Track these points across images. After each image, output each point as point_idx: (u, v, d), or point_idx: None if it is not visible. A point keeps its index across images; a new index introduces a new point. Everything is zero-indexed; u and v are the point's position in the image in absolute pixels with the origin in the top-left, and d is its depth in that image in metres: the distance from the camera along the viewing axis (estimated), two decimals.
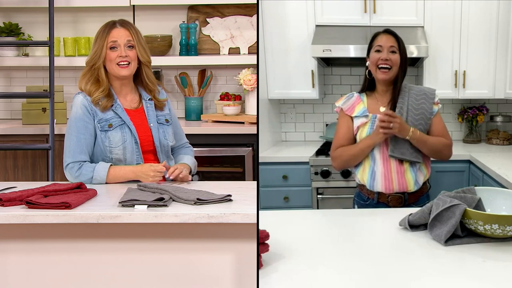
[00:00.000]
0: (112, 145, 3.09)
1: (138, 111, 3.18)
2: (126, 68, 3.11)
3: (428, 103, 3.08)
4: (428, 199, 3.12)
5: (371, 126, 3.04)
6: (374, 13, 4.58)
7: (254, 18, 4.79)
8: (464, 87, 4.71)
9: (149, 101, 3.20)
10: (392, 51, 3.03)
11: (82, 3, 4.64)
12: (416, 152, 3.02)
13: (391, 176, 3.03)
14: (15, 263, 2.65)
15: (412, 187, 3.04)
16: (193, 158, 3.30)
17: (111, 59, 3.10)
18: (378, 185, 3.05)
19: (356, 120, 3.08)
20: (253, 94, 4.57)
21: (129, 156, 3.11)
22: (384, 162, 3.03)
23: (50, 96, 4.30)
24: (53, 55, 4.34)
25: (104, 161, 3.09)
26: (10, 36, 4.66)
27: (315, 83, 4.72)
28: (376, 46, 3.05)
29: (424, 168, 3.08)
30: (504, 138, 4.90)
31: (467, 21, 4.59)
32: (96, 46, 3.12)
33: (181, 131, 3.36)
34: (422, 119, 3.05)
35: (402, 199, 3.04)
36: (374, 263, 2.15)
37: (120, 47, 3.10)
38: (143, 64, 3.16)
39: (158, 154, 3.17)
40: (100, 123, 3.09)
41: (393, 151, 3.01)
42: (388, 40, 3.06)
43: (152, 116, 3.18)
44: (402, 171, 3.03)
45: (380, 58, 3.01)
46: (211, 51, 4.85)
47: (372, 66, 3.06)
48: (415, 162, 3.03)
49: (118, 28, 3.13)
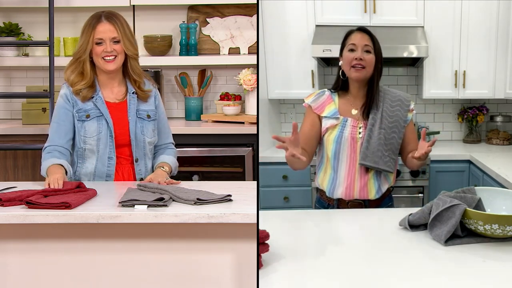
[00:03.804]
0: (86, 135, 3.11)
1: (121, 104, 3.18)
2: (111, 63, 3.11)
3: (403, 110, 2.94)
4: (390, 201, 3.04)
5: (340, 130, 2.90)
6: (374, 13, 4.58)
7: (254, 18, 4.79)
8: (464, 87, 4.71)
9: (133, 94, 3.19)
10: (367, 50, 2.88)
11: (82, 3, 4.64)
12: (390, 161, 2.90)
13: (353, 184, 2.92)
14: (15, 263, 2.65)
15: (373, 195, 2.93)
16: (175, 159, 3.27)
17: (97, 54, 3.11)
18: (338, 193, 2.94)
19: (325, 121, 2.93)
20: (253, 94, 4.57)
21: (102, 148, 3.12)
22: (349, 168, 2.91)
23: (50, 96, 4.30)
24: (53, 55, 4.34)
25: (76, 152, 3.13)
26: (10, 36, 4.66)
27: (315, 83, 4.72)
28: (349, 45, 2.89)
29: (390, 177, 2.97)
30: (504, 138, 4.90)
31: (467, 21, 4.59)
32: (82, 40, 3.13)
33: (167, 130, 3.32)
34: (396, 127, 2.91)
35: (363, 205, 2.94)
36: (374, 263, 2.15)
37: (106, 42, 3.10)
38: (130, 56, 3.16)
39: (133, 149, 3.15)
40: (79, 113, 3.12)
41: (365, 159, 2.87)
42: (363, 39, 2.90)
43: (133, 109, 3.17)
44: (365, 179, 2.91)
45: (354, 57, 2.86)
46: (211, 51, 4.84)
47: (345, 65, 2.91)
48: (385, 171, 2.91)
49: (103, 22, 3.12)
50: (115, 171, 3.15)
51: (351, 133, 2.91)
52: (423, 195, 4.45)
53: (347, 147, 2.91)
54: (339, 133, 2.91)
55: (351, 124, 2.92)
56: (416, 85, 5.11)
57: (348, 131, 2.91)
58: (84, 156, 3.14)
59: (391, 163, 2.91)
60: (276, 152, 4.66)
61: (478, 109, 4.98)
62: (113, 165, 3.14)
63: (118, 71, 3.18)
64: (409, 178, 4.45)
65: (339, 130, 2.91)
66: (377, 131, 2.89)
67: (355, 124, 2.92)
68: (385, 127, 2.89)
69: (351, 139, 2.91)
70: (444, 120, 5.18)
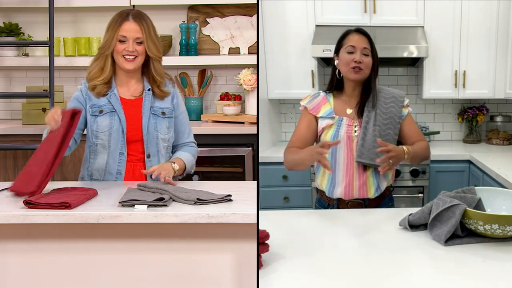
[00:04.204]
0: (99, 130, 3.11)
1: (136, 100, 3.18)
2: (131, 62, 3.11)
3: (397, 106, 2.96)
4: (391, 201, 3.04)
5: (336, 129, 2.92)
6: (374, 13, 4.58)
7: (254, 18, 4.79)
8: (464, 87, 4.71)
9: (148, 91, 3.19)
10: (365, 53, 2.89)
11: (82, 3, 4.64)
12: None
13: (352, 183, 2.93)
14: (15, 263, 2.64)
15: (372, 194, 2.94)
16: (192, 156, 3.24)
17: (118, 51, 3.11)
18: (337, 192, 2.95)
19: (321, 121, 2.96)
20: (253, 94, 4.57)
21: (113, 143, 3.12)
22: (347, 167, 2.93)
23: (50, 96, 4.30)
24: (53, 55, 4.34)
25: (89, 148, 3.16)
26: (10, 36, 4.66)
27: (315, 83, 4.72)
28: (348, 47, 2.90)
29: (389, 174, 2.98)
30: (504, 138, 4.90)
31: (467, 21, 4.59)
32: (107, 36, 3.13)
33: (188, 129, 3.29)
34: (391, 123, 2.92)
35: (363, 205, 2.95)
36: (374, 263, 2.15)
37: (129, 41, 3.10)
38: (153, 58, 3.16)
39: (145, 144, 3.15)
40: (92, 108, 3.13)
41: (361, 156, 2.88)
42: (361, 41, 2.91)
43: (147, 105, 3.17)
44: (364, 177, 2.92)
45: (353, 59, 2.87)
46: (211, 51, 4.85)
47: (343, 66, 2.92)
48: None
49: (129, 21, 3.11)
50: (125, 168, 3.15)
51: (347, 132, 2.92)
52: (423, 195, 4.45)
53: (343, 146, 2.92)
54: (335, 132, 2.93)
55: (346, 123, 2.93)
56: (416, 85, 5.11)
57: (343, 130, 2.92)
58: (96, 151, 3.14)
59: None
60: (276, 152, 4.66)
61: (478, 109, 4.98)
62: (124, 161, 3.14)
63: (137, 71, 3.18)
64: (409, 178, 4.45)
65: (335, 130, 2.93)
66: (371, 128, 2.90)
67: (350, 123, 2.94)
68: (379, 124, 2.91)
69: (347, 138, 2.92)
70: (444, 120, 5.18)
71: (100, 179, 3.15)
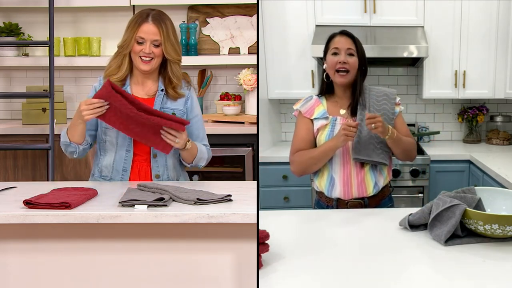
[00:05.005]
0: (107, 127, 3.11)
1: (149, 100, 3.18)
2: (147, 64, 3.11)
3: (389, 103, 2.99)
4: (391, 202, 3.05)
5: (331, 129, 2.94)
6: (374, 13, 4.58)
7: (254, 18, 4.79)
8: (464, 87, 4.71)
9: (161, 92, 3.19)
10: (350, 53, 2.91)
11: (82, 3, 4.64)
12: (383, 154, 2.93)
13: (350, 182, 2.94)
14: (15, 263, 2.65)
15: (371, 190, 2.95)
16: (205, 151, 3.21)
17: (135, 52, 3.11)
18: (336, 192, 2.96)
19: (316, 122, 2.98)
20: (253, 94, 4.57)
21: (121, 140, 3.13)
22: (344, 166, 2.94)
23: (50, 96, 4.30)
24: (53, 55, 4.34)
25: (99, 145, 3.17)
26: (10, 36, 4.66)
27: (315, 83, 4.72)
28: (332, 49, 2.94)
29: (385, 171, 2.99)
30: (504, 138, 4.90)
31: (467, 21, 4.59)
32: (125, 35, 3.13)
33: (201, 133, 3.26)
34: (385, 120, 2.91)
35: (362, 204, 2.96)
36: (374, 263, 2.15)
37: (146, 43, 3.09)
38: (170, 60, 3.15)
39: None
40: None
41: (358, 153, 2.90)
42: (345, 42, 2.94)
43: (157, 106, 3.16)
44: (362, 174, 2.93)
45: (338, 61, 2.90)
46: (211, 51, 4.85)
47: (330, 69, 2.95)
48: (378, 164, 2.92)
49: (148, 23, 3.10)
50: (131, 166, 3.15)
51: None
52: (423, 195, 4.45)
53: None
54: (329, 132, 2.94)
55: (340, 123, 2.95)
56: (416, 85, 5.11)
57: (338, 129, 2.93)
58: (105, 148, 3.16)
59: (384, 155, 2.93)
60: (276, 152, 4.67)
61: (478, 109, 4.98)
62: (130, 158, 3.14)
63: (154, 71, 3.18)
64: (409, 178, 4.45)
65: (329, 130, 2.95)
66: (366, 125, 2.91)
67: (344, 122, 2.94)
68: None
69: None
70: (444, 120, 5.18)
71: (108, 176, 3.16)
